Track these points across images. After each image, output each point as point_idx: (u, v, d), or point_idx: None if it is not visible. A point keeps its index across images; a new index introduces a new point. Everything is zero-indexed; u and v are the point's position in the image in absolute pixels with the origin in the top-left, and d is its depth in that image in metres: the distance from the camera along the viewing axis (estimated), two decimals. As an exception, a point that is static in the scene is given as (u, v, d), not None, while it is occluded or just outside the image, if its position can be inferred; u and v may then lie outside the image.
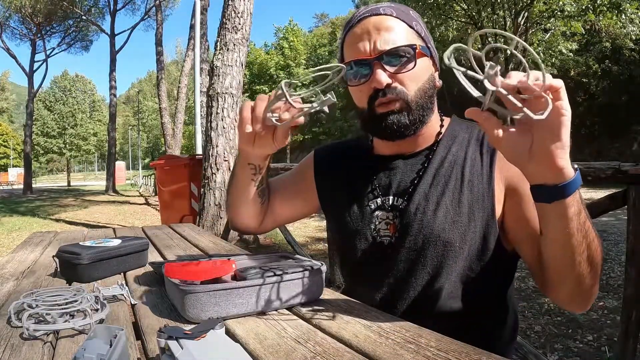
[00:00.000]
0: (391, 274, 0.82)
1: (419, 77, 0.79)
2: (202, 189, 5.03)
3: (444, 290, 0.79)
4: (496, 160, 0.79)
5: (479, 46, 13.68)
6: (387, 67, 0.77)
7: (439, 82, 0.84)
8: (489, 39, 12.44)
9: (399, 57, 0.77)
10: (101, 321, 0.66)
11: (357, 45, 0.79)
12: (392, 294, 0.82)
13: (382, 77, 0.76)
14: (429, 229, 0.79)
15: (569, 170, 0.55)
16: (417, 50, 0.78)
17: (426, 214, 0.79)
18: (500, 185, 0.78)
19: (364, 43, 0.78)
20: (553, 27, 12.17)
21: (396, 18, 0.79)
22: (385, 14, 0.79)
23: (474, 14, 12.54)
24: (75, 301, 0.70)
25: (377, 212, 0.85)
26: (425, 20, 14.07)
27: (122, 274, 1.02)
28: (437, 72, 0.85)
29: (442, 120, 0.88)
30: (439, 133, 0.87)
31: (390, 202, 0.85)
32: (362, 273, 0.89)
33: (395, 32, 0.78)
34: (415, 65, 0.78)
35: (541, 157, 0.54)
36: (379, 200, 0.86)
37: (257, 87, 23.31)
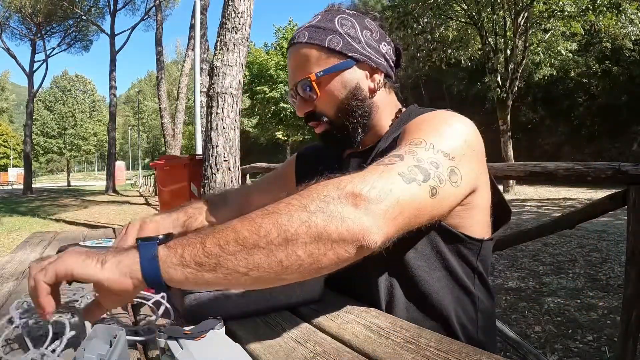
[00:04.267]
0: (358, 275, 0.76)
1: (333, 97, 0.81)
2: (202, 189, 5.03)
3: (400, 288, 0.76)
4: (399, 134, 0.75)
5: (479, 47, 13.67)
6: (302, 97, 0.82)
7: (378, 83, 0.82)
8: (489, 39, 12.45)
9: (305, 88, 0.81)
10: (101, 321, 0.66)
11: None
12: (359, 297, 0.78)
13: (299, 109, 0.84)
14: None
15: (126, 270, 0.51)
16: (312, 81, 0.80)
17: None
18: None
19: (289, 73, 0.85)
20: (553, 28, 12.16)
21: (307, 44, 0.80)
22: (299, 42, 0.82)
23: (474, 14, 12.53)
24: (76, 301, 0.70)
25: None
26: (425, 20, 14.09)
27: (122, 274, 1.02)
28: (379, 74, 0.82)
29: (400, 111, 0.88)
30: (392, 125, 0.86)
31: None
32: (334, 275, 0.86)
33: (301, 63, 0.81)
34: (317, 94, 0.81)
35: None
36: None
37: (257, 87, 23.29)
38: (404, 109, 0.89)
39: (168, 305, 0.70)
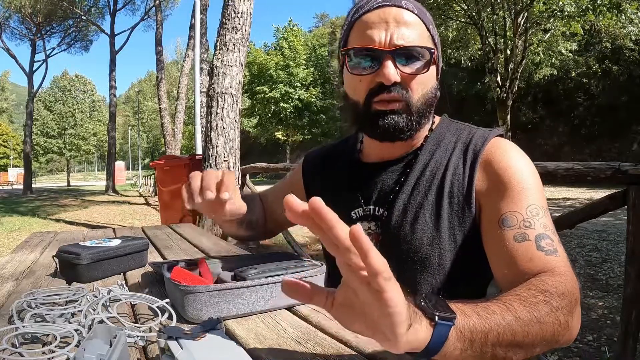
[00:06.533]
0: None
1: (426, 83, 0.75)
2: (202, 189, 5.02)
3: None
4: (477, 170, 0.73)
5: (479, 47, 13.67)
6: (398, 64, 0.71)
7: (438, 93, 0.80)
8: (489, 40, 12.45)
9: (413, 57, 0.72)
10: (101, 321, 0.66)
11: (370, 32, 0.72)
12: None
13: (392, 72, 0.70)
14: (407, 245, 0.75)
15: (416, 345, 0.44)
16: (434, 55, 0.74)
17: (404, 227, 0.76)
18: (478, 198, 0.73)
19: (379, 32, 0.71)
20: (553, 28, 12.16)
21: (417, 16, 0.74)
22: (407, 9, 0.73)
23: (474, 14, 12.53)
24: (75, 301, 0.70)
25: (359, 223, 0.82)
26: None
27: (122, 274, 1.02)
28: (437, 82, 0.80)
29: (432, 123, 0.83)
30: (426, 137, 0.82)
31: (372, 212, 0.81)
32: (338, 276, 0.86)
33: (414, 29, 0.73)
34: (428, 70, 0.73)
35: (379, 341, 0.43)
36: (360, 211, 0.82)
37: (257, 87, 23.29)
38: (435, 120, 0.84)
39: (168, 307, 0.70)
